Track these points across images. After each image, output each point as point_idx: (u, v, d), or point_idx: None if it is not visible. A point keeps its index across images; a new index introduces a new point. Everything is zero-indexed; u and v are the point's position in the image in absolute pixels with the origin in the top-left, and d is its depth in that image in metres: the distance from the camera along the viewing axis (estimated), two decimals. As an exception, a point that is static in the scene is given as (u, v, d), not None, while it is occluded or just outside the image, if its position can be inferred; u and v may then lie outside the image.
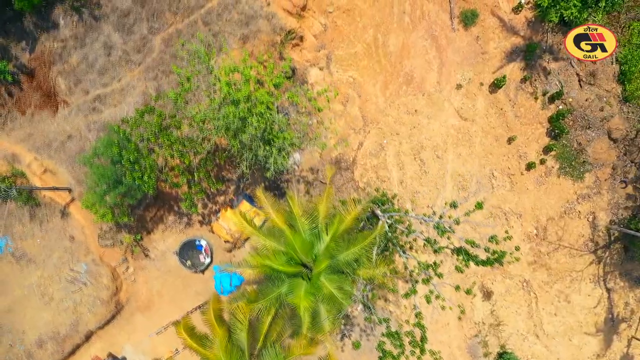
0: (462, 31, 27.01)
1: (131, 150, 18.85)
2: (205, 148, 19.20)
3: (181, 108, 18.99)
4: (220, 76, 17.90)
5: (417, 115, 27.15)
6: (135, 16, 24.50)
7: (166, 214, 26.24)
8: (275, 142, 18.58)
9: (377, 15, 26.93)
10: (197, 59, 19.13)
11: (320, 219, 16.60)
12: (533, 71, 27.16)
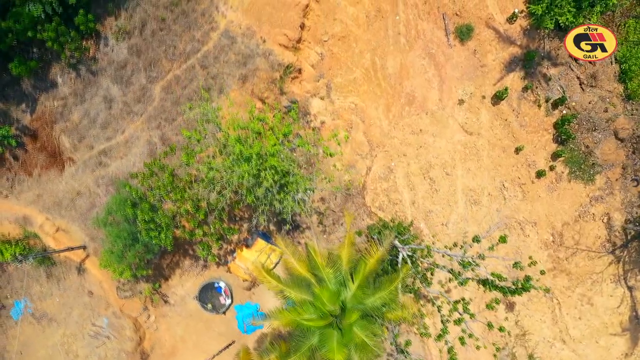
0: (459, 46, 26.94)
1: (145, 210, 18.76)
2: (220, 202, 19.10)
3: (193, 166, 18.89)
4: (228, 132, 17.81)
5: (423, 134, 27.08)
6: (133, 67, 24.42)
7: (182, 259, 26.16)
8: (290, 188, 18.50)
9: (372, 40, 26.85)
10: (205, 118, 19.02)
11: (344, 265, 16.51)
12: (533, 79, 27.11)
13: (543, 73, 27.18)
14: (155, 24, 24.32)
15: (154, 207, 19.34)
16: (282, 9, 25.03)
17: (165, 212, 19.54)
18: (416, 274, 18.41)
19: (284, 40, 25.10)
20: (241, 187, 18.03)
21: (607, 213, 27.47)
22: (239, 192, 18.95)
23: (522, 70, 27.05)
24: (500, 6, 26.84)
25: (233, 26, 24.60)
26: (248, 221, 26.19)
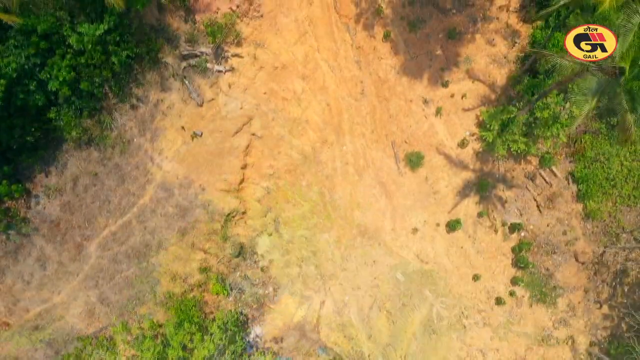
0: (410, 174, 25.99)
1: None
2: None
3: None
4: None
5: (377, 265, 26.12)
6: (66, 225, 23.40)
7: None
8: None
9: (319, 171, 25.86)
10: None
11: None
12: (489, 203, 26.20)
13: (499, 196, 26.29)
14: (88, 179, 23.31)
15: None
16: (221, 155, 24.05)
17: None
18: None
19: (224, 186, 24.13)
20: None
21: (571, 336, 26.58)
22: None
23: (477, 195, 26.13)
24: (450, 132, 25.90)
25: (169, 177, 23.61)
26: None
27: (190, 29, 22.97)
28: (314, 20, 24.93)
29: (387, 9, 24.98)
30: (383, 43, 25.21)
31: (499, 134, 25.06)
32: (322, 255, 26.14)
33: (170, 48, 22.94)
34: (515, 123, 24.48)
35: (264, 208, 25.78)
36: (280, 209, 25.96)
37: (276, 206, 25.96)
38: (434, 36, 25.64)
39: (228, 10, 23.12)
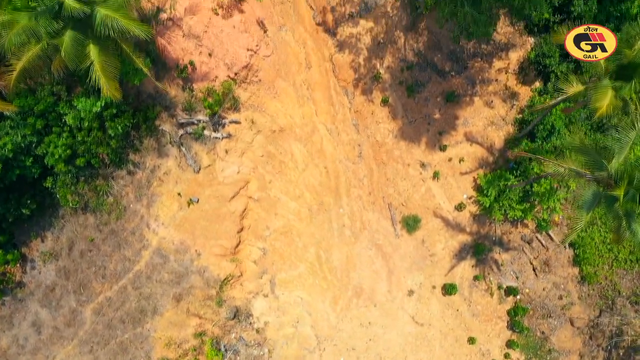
0: (407, 236, 25.97)
1: None
2: None
3: None
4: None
5: (372, 326, 26.09)
6: (62, 290, 23.39)
7: None
8: None
9: (316, 233, 25.83)
10: None
11: None
12: (485, 266, 26.20)
13: (495, 259, 26.29)
14: (84, 245, 23.29)
15: None
16: (217, 220, 24.03)
17: None
18: None
19: (220, 251, 24.11)
20: None
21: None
22: None
23: (473, 258, 26.13)
24: (447, 195, 25.89)
25: (165, 242, 23.59)
26: None
27: (188, 96, 22.94)
28: (312, 84, 24.90)
29: (386, 73, 24.95)
30: (381, 107, 25.19)
31: (496, 199, 25.05)
32: (317, 315, 26.11)
33: (167, 116, 22.92)
34: (512, 190, 24.48)
35: (259, 269, 25.74)
36: (277, 270, 25.92)
37: (272, 267, 25.92)
38: (432, 99, 25.62)
39: (226, 78, 23.08)
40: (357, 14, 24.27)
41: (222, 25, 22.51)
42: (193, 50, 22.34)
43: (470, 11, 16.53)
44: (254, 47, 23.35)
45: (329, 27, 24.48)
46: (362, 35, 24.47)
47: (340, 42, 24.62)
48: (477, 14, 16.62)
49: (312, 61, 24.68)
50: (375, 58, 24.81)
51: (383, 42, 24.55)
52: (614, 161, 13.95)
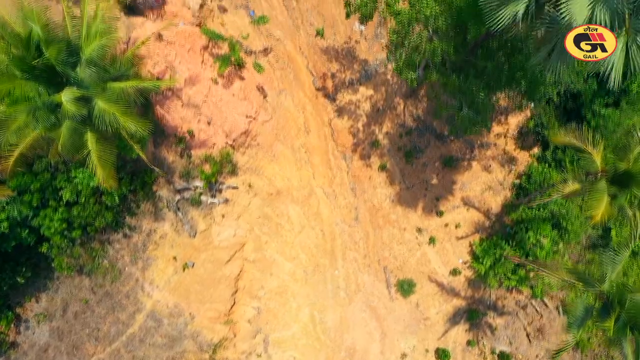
0: (401, 299, 25.99)
1: None
2: None
3: None
4: None
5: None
6: (55, 351, 23.40)
7: None
8: None
9: (311, 294, 25.85)
10: None
11: None
12: (479, 330, 26.21)
13: (489, 323, 26.30)
14: (78, 306, 23.30)
15: None
16: (212, 284, 24.05)
17: None
18: None
19: (214, 314, 24.13)
20: None
21: None
22: None
23: (467, 323, 26.15)
24: (443, 260, 25.91)
25: (160, 306, 23.61)
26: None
27: (186, 163, 22.95)
28: (310, 148, 24.91)
29: (384, 139, 24.96)
30: (379, 172, 25.19)
31: (491, 266, 25.06)
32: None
33: (165, 182, 22.93)
34: (507, 260, 24.50)
35: (253, 328, 25.76)
36: (270, 329, 25.94)
37: (266, 327, 25.94)
38: (430, 164, 25.63)
39: (224, 144, 23.10)
40: (357, 81, 24.26)
41: (221, 93, 22.51)
42: (192, 118, 22.35)
43: (469, 114, 16.55)
44: (253, 114, 23.36)
45: (328, 93, 24.48)
46: (361, 102, 24.48)
47: (340, 107, 24.62)
48: (476, 115, 16.65)
49: (311, 126, 24.68)
50: (374, 124, 24.82)
51: (382, 108, 24.55)
52: (606, 283, 13.98)
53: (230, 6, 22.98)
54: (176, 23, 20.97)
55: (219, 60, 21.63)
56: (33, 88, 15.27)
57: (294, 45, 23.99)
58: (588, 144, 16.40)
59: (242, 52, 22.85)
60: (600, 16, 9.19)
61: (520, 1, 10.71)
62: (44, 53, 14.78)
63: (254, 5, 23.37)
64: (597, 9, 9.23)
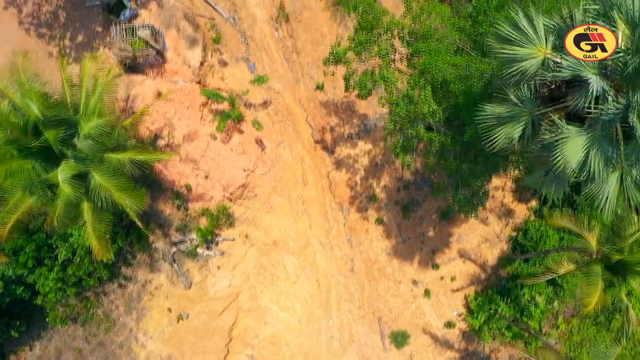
0: (395, 351, 25.97)
1: None
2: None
3: None
4: None
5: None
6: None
7: None
8: None
9: (305, 343, 25.84)
10: None
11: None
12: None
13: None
14: (72, 355, 23.31)
15: None
16: (206, 335, 24.05)
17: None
18: None
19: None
20: None
21: None
22: None
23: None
24: (437, 313, 25.91)
25: (153, 356, 23.62)
26: None
27: (183, 216, 22.95)
28: (308, 199, 24.90)
29: (382, 193, 24.96)
30: (376, 226, 25.19)
31: (485, 321, 25.09)
32: None
33: (161, 234, 22.93)
34: (502, 317, 24.52)
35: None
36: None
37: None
38: (427, 217, 25.62)
39: (222, 198, 23.10)
40: (356, 135, 24.26)
41: (220, 148, 22.51)
42: (190, 173, 22.35)
43: (465, 197, 16.54)
44: (251, 167, 23.36)
45: (327, 146, 24.48)
46: (360, 157, 24.48)
47: (338, 160, 24.62)
48: (471, 197, 16.62)
49: (309, 178, 24.68)
50: (372, 178, 24.82)
51: (381, 163, 24.55)
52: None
53: (231, 59, 22.98)
54: (176, 81, 20.96)
55: (218, 116, 21.64)
56: (29, 165, 15.26)
57: (293, 98, 23.98)
58: (584, 228, 16.41)
59: (241, 106, 22.86)
60: (594, 160, 9.21)
61: (517, 125, 10.70)
62: (42, 135, 14.78)
63: (255, 58, 23.36)
64: (592, 153, 9.24)
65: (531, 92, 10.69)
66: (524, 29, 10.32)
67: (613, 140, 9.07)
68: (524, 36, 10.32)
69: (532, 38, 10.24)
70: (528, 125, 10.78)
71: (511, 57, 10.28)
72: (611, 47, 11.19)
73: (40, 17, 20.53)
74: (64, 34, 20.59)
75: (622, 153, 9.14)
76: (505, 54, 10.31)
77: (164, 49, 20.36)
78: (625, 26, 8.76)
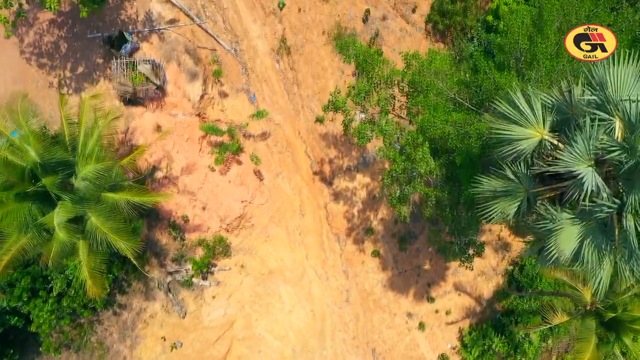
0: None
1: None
2: None
3: None
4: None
5: None
6: None
7: None
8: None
9: (298, 373, 25.85)
10: None
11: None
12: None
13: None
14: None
15: None
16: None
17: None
18: None
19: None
20: None
21: None
22: None
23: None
24: (432, 346, 25.91)
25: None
26: None
27: (179, 245, 22.95)
28: (305, 230, 24.89)
29: (379, 225, 24.94)
30: (372, 258, 25.18)
31: (479, 356, 25.09)
32: None
33: (157, 263, 22.93)
34: (497, 354, 24.52)
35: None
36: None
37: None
38: (423, 250, 25.61)
39: (219, 228, 23.10)
40: (354, 168, 24.25)
41: (218, 180, 22.51)
42: (187, 204, 22.34)
43: (461, 247, 16.52)
44: (249, 198, 23.35)
45: (325, 177, 24.47)
46: (358, 190, 24.46)
47: (336, 192, 24.62)
48: (467, 247, 16.61)
49: (307, 209, 24.67)
50: (369, 210, 24.81)
51: (379, 196, 24.53)
52: None
53: (231, 90, 22.97)
54: (175, 114, 20.95)
55: (217, 149, 21.63)
56: (25, 208, 15.25)
57: (293, 129, 23.97)
58: (578, 282, 16.40)
59: (240, 137, 22.85)
60: (588, 250, 9.21)
61: (512, 202, 10.69)
62: (39, 180, 14.78)
63: (255, 89, 23.35)
64: (586, 242, 9.23)
65: (527, 169, 10.66)
66: (521, 108, 10.30)
67: (607, 231, 9.08)
68: (521, 116, 10.30)
69: (530, 119, 10.22)
70: (524, 202, 10.76)
71: (507, 138, 10.27)
72: (611, 47, 11.15)
73: (42, 47, 20.53)
74: (65, 64, 20.58)
75: (617, 242, 9.13)
76: (501, 134, 10.30)
77: (164, 82, 20.34)
78: (621, 123, 8.75)
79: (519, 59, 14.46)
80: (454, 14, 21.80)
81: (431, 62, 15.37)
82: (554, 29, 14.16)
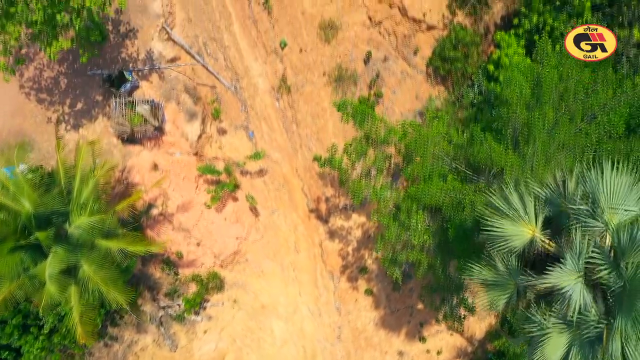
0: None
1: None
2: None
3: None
4: None
5: None
6: None
7: None
8: None
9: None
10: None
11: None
12: None
13: None
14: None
15: None
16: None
17: None
18: None
19: None
20: None
21: None
22: None
23: None
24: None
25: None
26: None
27: (172, 280, 22.96)
28: (299, 267, 24.90)
29: (373, 265, 24.96)
30: (365, 296, 25.20)
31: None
32: None
33: (150, 297, 22.95)
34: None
35: None
36: None
37: None
38: (417, 290, 25.58)
39: (213, 264, 23.11)
40: (350, 207, 24.25)
41: (213, 217, 22.52)
42: (181, 241, 22.35)
43: (453, 310, 16.57)
44: (244, 234, 23.37)
45: (321, 215, 24.48)
46: (353, 228, 24.48)
47: (332, 230, 24.63)
48: (458, 305, 16.65)
49: (302, 246, 24.68)
50: (364, 249, 24.82)
51: (374, 235, 24.53)
52: None
53: (230, 127, 22.97)
54: (172, 153, 20.96)
55: (214, 187, 21.63)
56: (17, 259, 15.27)
57: (291, 167, 23.97)
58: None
59: (237, 174, 22.86)
60: (575, 354, 9.22)
61: (502, 294, 10.69)
62: (33, 233, 14.79)
63: (254, 127, 23.36)
64: (573, 352, 9.23)
65: (518, 263, 10.66)
66: (514, 205, 10.30)
67: (596, 342, 9.08)
68: (514, 212, 10.30)
69: (522, 216, 10.22)
70: (513, 295, 10.77)
71: (498, 234, 10.28)
72: (611, 47, 11.09)
73: (41, 82, 20.52)
74: (64, 100, 20.57)
75: (604, 355, 9.13)
76: (493, 231, 10.30)
77: (162, 122, 20.35)
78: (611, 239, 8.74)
79: (516, 129, 14.45)
80: (455, 60, 21.78)
81: (428, 135, 15.11)
82: (552, 100, 14.13)
